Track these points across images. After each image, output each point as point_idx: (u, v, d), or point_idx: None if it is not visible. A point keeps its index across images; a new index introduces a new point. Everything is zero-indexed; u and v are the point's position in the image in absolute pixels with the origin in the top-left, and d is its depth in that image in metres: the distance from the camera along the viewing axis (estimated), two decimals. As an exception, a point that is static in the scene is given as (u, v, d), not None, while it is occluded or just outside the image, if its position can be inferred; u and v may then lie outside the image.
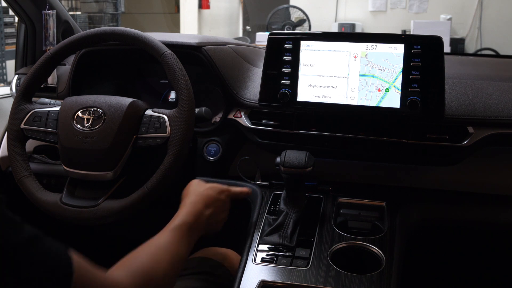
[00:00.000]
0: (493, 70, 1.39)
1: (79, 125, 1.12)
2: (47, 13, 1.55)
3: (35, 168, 1.29)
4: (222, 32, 6.73)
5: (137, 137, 1.12)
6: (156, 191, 1.08)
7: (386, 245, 1.08)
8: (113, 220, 1.10)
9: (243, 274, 1.03)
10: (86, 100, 1.16)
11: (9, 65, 3.78)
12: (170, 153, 1.08)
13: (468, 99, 1.21)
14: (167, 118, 1.12)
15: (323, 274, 1.01)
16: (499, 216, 1.28)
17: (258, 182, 1.31)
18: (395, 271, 1.02)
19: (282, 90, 1.23)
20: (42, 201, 1.12)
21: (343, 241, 1.09)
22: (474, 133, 1.18)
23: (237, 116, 1.33)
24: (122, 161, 1.11)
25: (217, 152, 1.40)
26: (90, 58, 1.44)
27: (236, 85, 1.34)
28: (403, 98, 1.16)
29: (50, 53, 1.21)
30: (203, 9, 6.24)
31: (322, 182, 1.28)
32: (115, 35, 1.19)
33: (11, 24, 3.85)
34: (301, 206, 1.17)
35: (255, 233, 1.14)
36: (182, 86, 1.11)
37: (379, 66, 1.18)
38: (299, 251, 1.07)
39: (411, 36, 1.21)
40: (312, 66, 1.22)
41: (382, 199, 1.23)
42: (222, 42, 1.43)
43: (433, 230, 1.46)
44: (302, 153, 1.14)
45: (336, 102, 1.21)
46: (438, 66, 1.15)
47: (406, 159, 1.28)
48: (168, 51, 1.14)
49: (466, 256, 1.62)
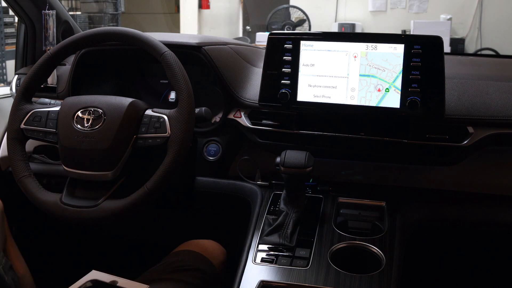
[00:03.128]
0: (493, 70, 1.39)
1: (79, 125, 1.12)
2: (47, 13, 1.55)
3: (35, 168, 1.29)
4: (222, 32, 6.73)
5: (137, 137, 1.12)
6: (156, 191, 1.08)
7: (386, 245, 1.08)
8: (113, 220, 1.10)
9: (243, 274, 1.03)
10: (86, 100, 1.16)
11: (9, 65, 3.77)
12: (170, 153, 1.08)
13: (468, 99, 1.21)
14: (167, 118, 1.12)
15: (323, 274, 1.01)
16: (499, 216, 1.28)
17: (258, 182, 1.31)
18: (395, 271, 1.02)
19: (282, 90, 1.23)
20: (42, 201, 1.12)
21: (343, 241, 1.10)
22: (474, 133, 1.18)
23: (237, 116, 1.33)
24: (122, 161, 1.11)
25: (217, 152, 1.40)
26: (90, 58, 1.44)
27: (236, 85, 1.34)
28: (403, 98, 1.16)
29: (50, 53, 1.20)
30: (203, 9, 6.23)
31: (322, 182, 1.28)
32: (115, 35, 1.18)
33: (11, 24, 3.85)
34: (301, 206, 1.17)
35: (255, 233, 1.14)
36: (182, 86, 1.11)
37: (379, 66, 1.18)
38: (299, 251, 1.07)
39: (411, 36, 1.21)
40: (312, 66, 1.22)
41: (382, 199, 1.23)
42: (222, 42, 1.43)
43: (433, 230, 1.46)
44: (302, 153, 1.14)
45: (336, 102, 1.21)
46: (438, 66, 1.15)
47: (406, 159, 1.28)
48: (168, 51, 1.14)
49: (466, 256, 1.62)
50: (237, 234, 1.26)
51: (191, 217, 1.63)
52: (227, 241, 1.34)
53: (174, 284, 1.13)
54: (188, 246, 1.28)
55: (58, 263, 1.74)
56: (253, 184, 1.31)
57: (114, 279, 0.98)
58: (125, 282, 0.98)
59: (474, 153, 1.22)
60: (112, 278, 0.99)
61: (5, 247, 1.27)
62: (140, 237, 1.78)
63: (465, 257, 1.62)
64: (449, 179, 1.32)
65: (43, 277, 1.41)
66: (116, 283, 0.98)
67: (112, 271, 1.01)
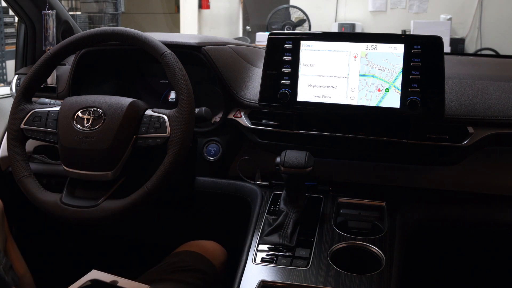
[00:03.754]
0: (493, 70, 1.39)
1: (79, 125, 1.12)
2: (47, 13, 1.55)
3: (35, 168, 1.29)
4: (222, 32, 6.72)
5: (137, 137, 1.12)
6: (156, 191, 1.08)
7: (386, 245, 1.08)
8: (113, 220, 1.10)
9: (243, 274, 1.03)
10: (86, 100, 1.16)
11: (9, 65, 3.77)
12: (170, 153, 1.08)
13: (468, 99, 1.21)
14: (167, 118, 1.12)
15: (323, 274, 1.01)
16: (499, 216, 1.28)
17: (258, 182, 1.31)
18: (395, 271, 1.02)
19: (282, 90, 1.23)
20: (42, 201, 1.12)
21: (343, 241, 1.10)
22: (474, 133, 1.18)
23: (237, 116, 1.33)
24: (122, 161, 1.11)
25: (217, 152, 1.40)
26: (90, 58, 1.44)
27: (236, 85, 1.34)
28: (403, 98, 1.16)
29: (50, 53, 1.20)
30: (203, 9, 6.23)
31: (322, 182, 1.28)
32: (115, 35, 1.18)
33: (11, 24, 3.85)
34: (301, 206, 1.17)
35: (255, 233, 1.14)
36: (182, 86, 1.11)
37: (379, 66, 1.18)
38: (299, 251, 1.07)
39: (411, 36, 1.21)
40: (312, 66, 1.22)
41: (382, 199, 1.23)
42: (222, 42, 1.43)
43: (433, 230, 1.46)
44: (302, 153, 1.14)
45: (336, 102, 1.21)
46: (438, 66, 1.15)
47: (406, 159, 1.28)
48: (168, 51, 1.14)
49: (466, 256, 1.62)
50: (237, 234, 1.26)
51: (191, 217, 1.63)
52: (227, 241, 1.34)
53: (174, 285, 1.13)
54: (188, 247, 1.28)
55: (58, 263, 1.74)
56: (253, 184, 1.31)
57: (115, 279, 0.98)
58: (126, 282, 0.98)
59: (474, 153, 1.22)
60: (113, 278, 0.99)
61: (5, 247, 1.27)
62: (140, 237, 1.78)
63: (465, 257, 1.62)
64: (449, 179, 1.32)
65: (43, 277, 1.41)
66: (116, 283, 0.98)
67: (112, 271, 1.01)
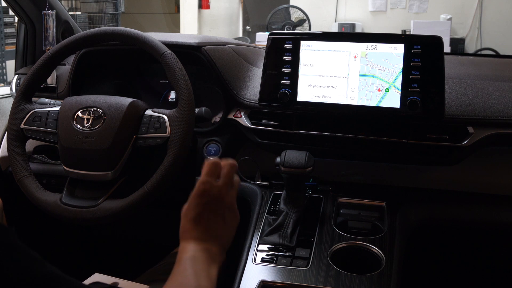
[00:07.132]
0: (493, 70, 1.39)
1: (79, 125, 1.12)
2: (47, 13, 1.55)
3: (35, 168, 1.29)
4: (222, 32, 6.72)
5: (137, 137, 1.12)
6: (156, 191, 1.08)
7: (386, 245, 1.08)
8: (113, 220, 1.10)
9: (243, 274, 1.03)
10: (86, 100, 1.16)
11: (9, 65, 3.77)
12: (170, 153, 1.08)
13: (468, 99, 1.21)
14: (167, 118, 1.12)
15: (323, 274, 1.01)
16: (499, 216, 1.28)
17: (258, 182, 1.31)
18: (395, 271, 1.02)
19: (282, 90, 1.23)
20: (42, 201, 1.12)
21: (343, 241, 1.09)
22: (474, 133, 1.17)
23: (237, 116, 1.33)
24: (122, 161, 1.11)
25: (217, 152, 1.40)
26: (90, 58, 1.44)
27: (236, 85, 1.34)
28: (403, 98, 1.16)
29: (50, 53, 1.21)
30: (203, 9, 6.23)
31: (322, 182, 1.28)
32: (115, 35, 1.19)
33: (11, 24, 3.85)
34: (301, 206, 1.17)
35: (255, 233, 1.14)
36: (182, 86, 1.11)
37: (379, 66, 1.18)
38: (299, 251, 1.07)
39: (411, 36, 1.21)
40: (312, 66, 1.22)
41: (382, 199, 1.23)
42: (222, 42, 1.43)
43: (433, 230, 1.46)
44: (302, 153, 1.14)
45: (336, 102, 1.21)
46: (438, 66, 1.15)
47: (406, 159, 1.28)
48: (168, 51, 1.14)
49: (466, 256, 1.62)
50: (237, 234, 1.26)
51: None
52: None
53: None
54: None
55: (58, 263, 1.73)
56: (253, 184, 1.31)
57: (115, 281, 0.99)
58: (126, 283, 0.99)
59: (474, 153, 1.22)
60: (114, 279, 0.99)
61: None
62: (140, 238, 1.78)
63: (465, 257, 1.62)
64: (449, 179, 1.32)
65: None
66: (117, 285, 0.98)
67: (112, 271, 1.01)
